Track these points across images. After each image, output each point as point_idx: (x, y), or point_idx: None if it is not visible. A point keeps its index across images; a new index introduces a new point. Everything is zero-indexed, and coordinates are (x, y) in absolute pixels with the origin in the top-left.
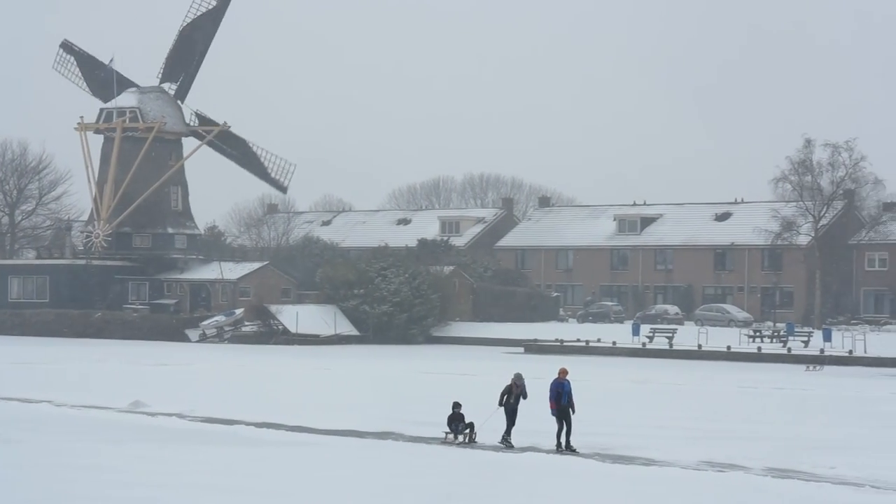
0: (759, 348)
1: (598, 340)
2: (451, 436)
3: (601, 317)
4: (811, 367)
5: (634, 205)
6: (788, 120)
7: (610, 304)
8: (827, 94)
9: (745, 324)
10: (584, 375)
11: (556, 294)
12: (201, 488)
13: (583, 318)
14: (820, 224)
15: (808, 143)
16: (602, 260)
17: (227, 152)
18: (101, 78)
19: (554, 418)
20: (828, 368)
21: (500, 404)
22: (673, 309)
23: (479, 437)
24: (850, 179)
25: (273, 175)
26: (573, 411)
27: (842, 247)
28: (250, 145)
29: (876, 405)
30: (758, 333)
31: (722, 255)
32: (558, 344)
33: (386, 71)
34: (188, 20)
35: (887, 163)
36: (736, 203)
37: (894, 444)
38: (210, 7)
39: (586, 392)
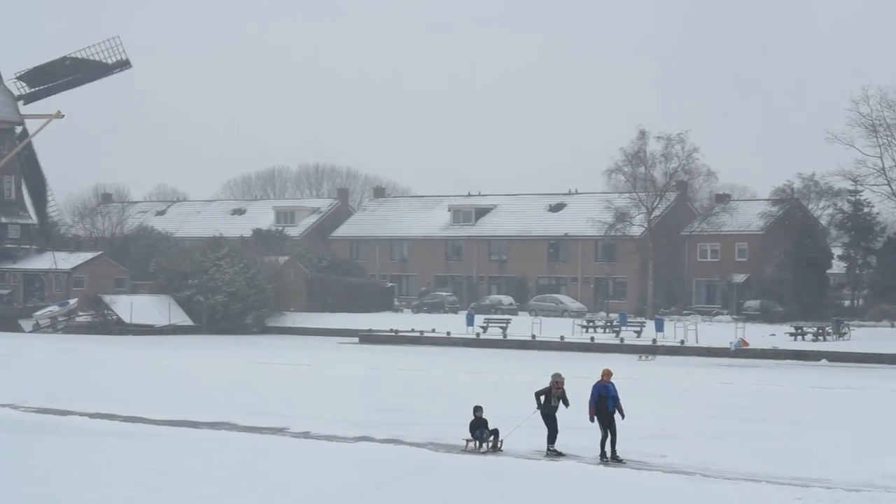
0: (593, 338)
1: (433, 331)
2: (471, 443)
3: (436, 307)
4: (643, 357)
5: (469, 196)
6: (627, 114)
7: (444, 294)
8: (660, 91)
9: (579, 314)
10: (419, 366)
11: (390, 284)
12: (31, 479)
13: (417, 309)
14: (653, 215)
15: (643, 134)
16: (436, 251)
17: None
18: None
19: (598, 425)
20: (660, 358)
21: (539, 407)
22: (507, 299)
23: (515, 444)
24: (683, 171)
25: (110, 61)
26: (622, 416)
27: (674, 238)
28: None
29: (706, 395)
30: (591, 323)
31: (556, 246)
32: (393, 334)
33: (221, 58)
34: (81, 55)
35: (719, 155)
36: (570, 194)
37: (724, 433)
38: (110, 61)
39: (417, 382)
